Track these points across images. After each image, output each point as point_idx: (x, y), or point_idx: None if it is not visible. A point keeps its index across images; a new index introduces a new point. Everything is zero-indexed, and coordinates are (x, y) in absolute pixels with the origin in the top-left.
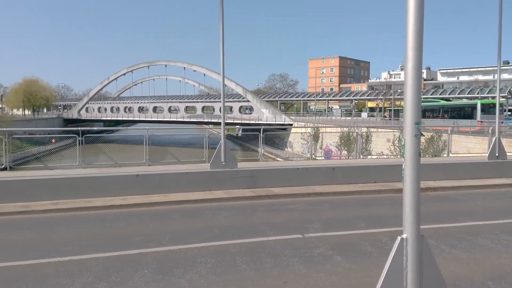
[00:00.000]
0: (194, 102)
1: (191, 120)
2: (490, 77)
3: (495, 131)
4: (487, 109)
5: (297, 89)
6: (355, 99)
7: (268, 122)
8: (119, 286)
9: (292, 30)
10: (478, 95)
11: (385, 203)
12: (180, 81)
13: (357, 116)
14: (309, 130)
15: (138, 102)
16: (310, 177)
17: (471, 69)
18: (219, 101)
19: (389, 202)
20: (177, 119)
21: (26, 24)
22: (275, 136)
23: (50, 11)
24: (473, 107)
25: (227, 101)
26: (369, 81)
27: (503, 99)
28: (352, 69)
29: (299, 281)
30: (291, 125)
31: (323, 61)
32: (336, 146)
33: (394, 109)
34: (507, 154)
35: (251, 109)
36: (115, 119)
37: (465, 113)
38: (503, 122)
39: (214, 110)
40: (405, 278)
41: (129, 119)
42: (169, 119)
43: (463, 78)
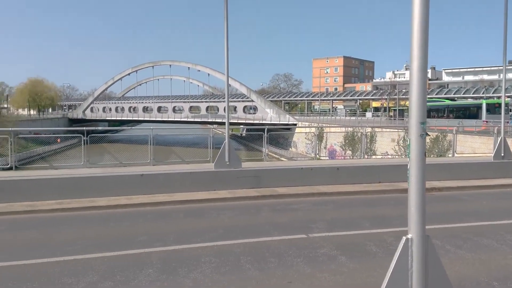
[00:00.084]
0: (199, 102)
1: (195, 120)
2: (495, 76)
3: (500, 131)
4: (493, 109)
5: (301, 89)
6: (360, 99)
7: (272, 122)
8: (123, 285)
9: (296, 30)
10: (484, 95)
11: (389, 203)
12: (184, 81)
13: (362, 116)
14: (313, 130)
15: (142, 102)
16: (315, 177)
17: (476, 69)
18: (223, 101)
19: (394, 202)
20: (182, 119)
21: (30, 24)
22: (279, 136)
23: (54, 11)
24: (478, 107)
25: (231, 101)
26: (374, 81)
27: (509, 98)
28: (357, 69)
29: (304, 281)
30: (295, 125)
31: (327, 60)
32: (341, 146)
33: (398, 109)
34: None
35: (255, 109)
36: (120, 119)
37: (470, 113)
38: (508, 122)
39: (218, 110)
40: (410, 278)
41: (133, 119)
42: (173, 119)
43: (468, 77)
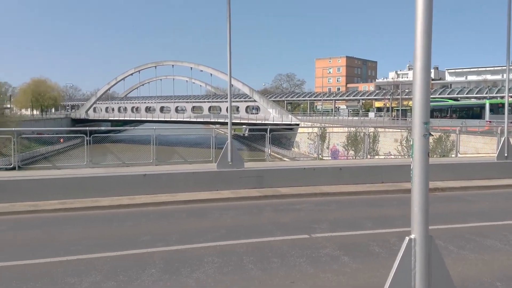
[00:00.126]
0: (201, 102)
1: (198, 120)
2: (498, 76)
3: (504, 131)
4: (496, 109)
5: (304, 89)
6: (362, 99)
7: (274, 122)
8: (126, 285)
9: (299, 30)
10: (487, 95)
11: (392, 203)
12: (187, 81)
13: (364, 116)
14: (316, 130)
15: (145, 102)
16: (317, 177)
17: (479, 69)
18: (225, 101)
19: (396, 202)
20: (184, 119)
21: (33, 24)
22: (281, 136)
23: (57, 12)
24: (482, 107)
25: (233, 101)
26: (377, 81)
27: None
28: (359, 69)
29: (306, 281)
30: (297, 125)
31: (330, 60)
32: (343, 146)
33: (401, 109)
34: None
35: (257, 109)
36: (123, 119)
37: (473, 113)
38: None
39: (220, 110)
40: (413, 278)
41: (136, 119)
42: (176, 119)
43: (472, 77)
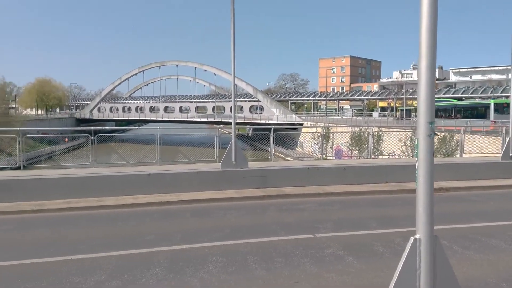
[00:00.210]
0: (205, 102)
1: (202, 120)
2: (503, 76)
3: (509, 131)
4: (501, 108)
5: (307, 88)
6: (366, 99)
7: (278, 122)
8: (131, 285)
9: (303, 29)
10: (492, 95)
11: (397, 203)
12: (191, 81)
13: (368, 116)
14: (319, 130)
15: (149, 102)
16: (321, 177)
17: (484, 68)
18: (229, 101)
19: (401, 202)
20: (188, 119)
21: (33, 24)
22: (285, 136)
23: (57, 12)
24: (486, 106)
25: (237, 101)
26: (381, 80)
27: None
28: (363, 69)
29: (310, 281)
30: (301, 125)
31: (334, 60)
32: (347, 146)
33: (405, 109)
34: None
35: (261, 108)
36: (127, 118)
37: (478, 112)
38: None
39: (224, 110)
40: (418, 278)
41: (140, 119)
42: (180, 119)
43: (476, 77)
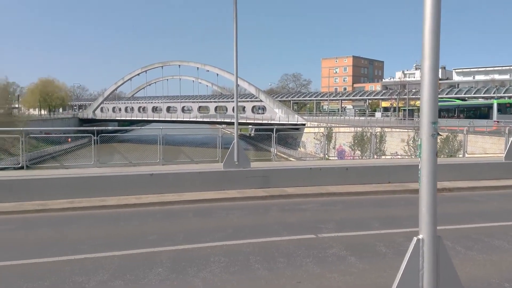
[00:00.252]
0: (207, 102)
1: (204, 120)
2: (506, 76)
3: None
4: (504, 109)
5: (310, 89)
6: (369, 99)
7: (281, 122)
8: (133, 284)
9: (305, 29)
10: (495, 95)
11: (399, 203)
12: (193, 81)
13: (371, 116)
14: (322, 130)
15: (152, 102)
16: (324, 177)
17: (487, 68)
18: (232, 101)
19: (404, 202)
20: (191, 119)
21: (33, 24)
22: (288, 136)
23: (57, 12)
24: (489, 106)
25: (240, 101)
26: (383, 80)
27: None
28: (366, 69)
29: (313, 281)
30: (304, 125)
31: (336, 60)
32: (350, 146)
33: (408, 109)
34: None
35: (264, 109)
36: (130, 119)
37: (481, 113)
38: None
39: (227, 110)
40: (421, 279)
41: (143, 119)
42: (182, 119)
43: (479, 77)
